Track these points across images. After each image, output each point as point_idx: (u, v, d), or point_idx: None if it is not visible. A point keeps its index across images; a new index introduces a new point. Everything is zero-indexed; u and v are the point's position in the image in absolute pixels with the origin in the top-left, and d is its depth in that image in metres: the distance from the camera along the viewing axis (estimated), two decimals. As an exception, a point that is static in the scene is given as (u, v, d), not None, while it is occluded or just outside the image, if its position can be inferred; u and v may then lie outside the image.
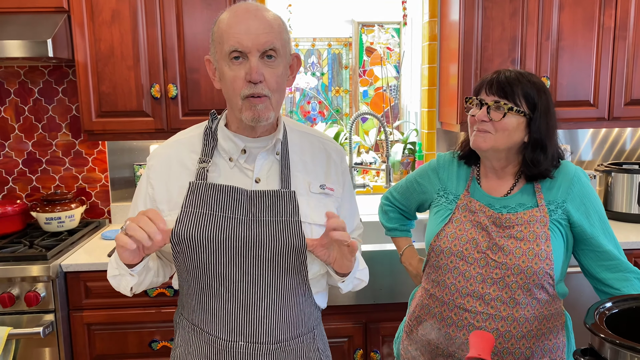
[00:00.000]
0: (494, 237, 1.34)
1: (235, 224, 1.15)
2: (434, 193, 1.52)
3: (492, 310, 1.33)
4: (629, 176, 2.53)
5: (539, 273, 1.31)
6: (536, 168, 1.36)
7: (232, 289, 1.16)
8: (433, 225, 1.45)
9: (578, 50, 2.42)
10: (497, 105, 1.33)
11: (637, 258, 2.26)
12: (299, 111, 3.10)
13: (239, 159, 1.21)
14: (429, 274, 1.45)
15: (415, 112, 2.95)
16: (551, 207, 1.36)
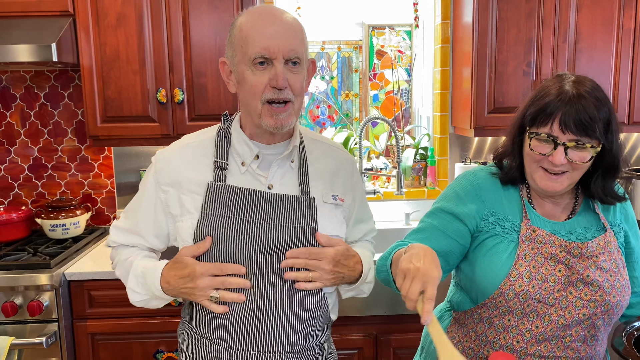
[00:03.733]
0: (580, 271, 1.15)
1: (255, 230, 1.14)
2: (480, 220, 1.22)
3: (572, 352, 1.16)
4: (650, 183, 2.44)
5: (624, 305, 1.18)
6: (609, 197, 1.20)
7: (250, 296, 1.14)
8: (497, 262, 1.18)
9: (596, 53, 2.33)
10: (578, 146, 1.11)
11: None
12: (308, 115, 3.05)
13: (251, 164, 1.19)
14: (487, 319, 1.21)
15: (427, 117, 2.88)
16: (615, 230, 1.23)
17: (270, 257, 1.14)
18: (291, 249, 1.15)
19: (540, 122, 1.14)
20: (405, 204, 2.73)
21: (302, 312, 1.17)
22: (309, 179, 1.21)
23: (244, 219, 1.14)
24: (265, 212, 1.15)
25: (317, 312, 1.20)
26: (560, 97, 1.12)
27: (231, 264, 1.13)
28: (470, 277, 1.23)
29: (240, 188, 1.16)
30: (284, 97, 1.10)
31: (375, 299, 2.12)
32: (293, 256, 1.14)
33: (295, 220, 1.16)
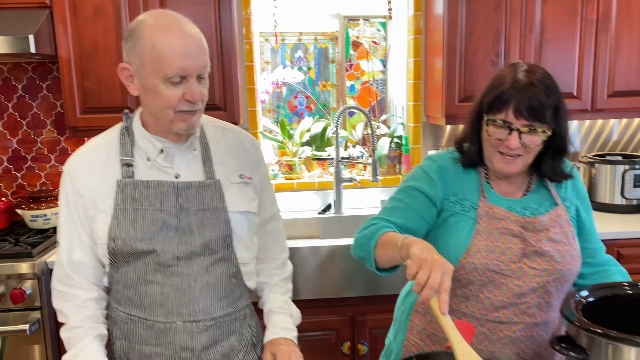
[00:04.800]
0: (533, 244, 1.25)
1: (167, 217, 1.24)
2: (442, 199, 1.31)
3: (528, 318, 1.26)
4: (612, 167, 2.56)
5: (575, 274, 1.29)
6: (558, 175, 1.31)
7: (169, 274, 1.24)
8: (457, 238, 1.28)
9: (561, 43, 2.43)
10: (531, 130, 1.20)
11: (619, 248, 2.29)
12: (286, 106, 3.10)
13: (156, 159, 1.26)
14: (452, 290, 1.19)
15: (402, 106, 2.96)
16: (567, 204, 1.33)
17: (185, 239, 1.24)
18: None
19: (496, 109, 1.22)
20: (381, 191, 2.81)
21: (220, 284, 1.28)
22: (212, 163, 1.30)
23: (155, 209, 1.23)
24: (175, 200, 1.24)
25: (233, 281, 1.31)
26: (514, 85, 1.20)
27: None
28: None
29: (148, 181, 1.24)
30: (195, 109, 1.20)
31: (351, 281, 2.20)
32: None
33: (204, 203, 1.26)
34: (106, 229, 1.23)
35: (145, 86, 1.19)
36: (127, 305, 1.28)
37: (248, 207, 1.33)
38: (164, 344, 1.25)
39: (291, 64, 3.06)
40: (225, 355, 1.30)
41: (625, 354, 0.98)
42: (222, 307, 1.28)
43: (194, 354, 1.26)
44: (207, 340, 1.27)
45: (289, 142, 2.89)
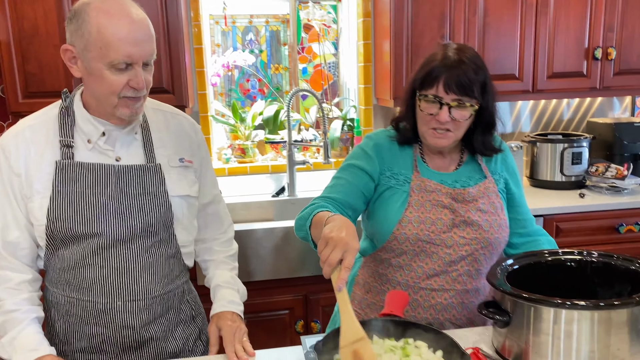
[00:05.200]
0: (462, 214, 1.32)
1: (108, 201, 1.24)
2: (379, 174, 1.38)
3: (458, 285, 1.33)
4: (553, 146, 2.68)
5: (502, 242, 1.37)
6: (488, 149, 1.38)
7: (109, 256, 1.25)
8: (391, 210, 1.34)
9: (503, 26, 2.52)
10: (460, 105, 1.27)
11: (558, 222, 2.42)
12: (238, 89, 3.10)
13: (98, 141, 1.26)
14: (387, 260, 1.37)
15: (354, 89, 3.00)
16: (496, 177, 1.41)
17: (125, 222, 1.25)
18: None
19: (427, 85, 1.29)
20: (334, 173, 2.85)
21: (160, 264, 1.30)
22: (153, 147, 1.31)
23: (96, 192, 1.23)
24: (116, 184, 1.25)
25: (172, 261, 1.34)
26: (444, 62, 1.27)
27: None
28: (372, 225, 1.40)
29: (89, 164, 1.24)
30: (140, 95, 1.21)
31: (304, 261, 2.24)
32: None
33: (144, 187, 1.27)
34: (44, 211, 1.22)
35: (89, 70, 1.18)
36: (65, 288, 1.28)
37: (188, 191, 1.35)
38: (105, 323, 1.27)
39: (242, 46, 3.05)
40: (165, 330, 1.34)
41: (544, 315, 1.06)
42: (161, 286, 1.31)
43: (135, 331, 1.29)
44: (147, 318, 1.29)
45: (242, 125, 2.90)
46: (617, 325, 1.04)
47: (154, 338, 1.32)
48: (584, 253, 1.26)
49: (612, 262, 1.23)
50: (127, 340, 1.29)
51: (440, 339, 1.04)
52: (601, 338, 1.04)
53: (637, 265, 1.19)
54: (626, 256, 1.23)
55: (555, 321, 1.05)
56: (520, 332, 1.09)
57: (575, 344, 1.05)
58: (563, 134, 2.85)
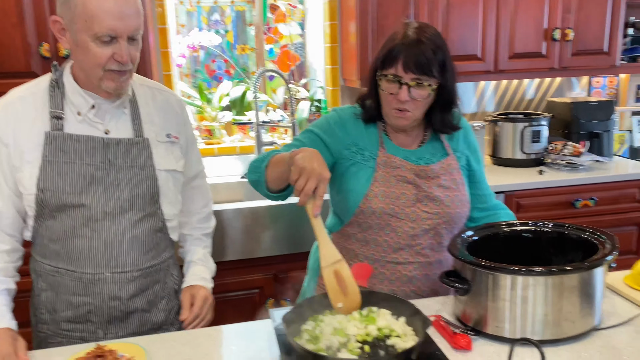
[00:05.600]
0: (425, 189, 1.35)
1: (96, 172, 1.26)
2: (344, 149, 1.39)
3: (422, 258, 1.37)
4: (513, 125, 2.76)
5: (463, 217, 1.42)
6: (447, 127, 1.41)
7: (97, 228, 1.28)
8: (358, 184, 1.36)
9: (466, 7, 2.56)
10: (418, 84, 1.29)
11: (518, 199, 2.51)
12: (204, 70, 3.07)
13: (87, 114, 1.28)
14: (353, 235, 1.40)
15: (321, 70, 3.01)
16: (458, 155, 1.45)
17: (113, 194, 1.28)
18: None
19: (387, 65, 1.31)
20: (302, 153, 2.87)
21: (147, 238, 1.34)
22: (141, 121, 1.33)
23: (85, 163, 1.25)
24: (104, 156, 1.27)
25: (158, 235, 1.38)
26: (403, 41, 1.29)
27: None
28: (338, 201, 1.43)
29: (78, 135, 1.26)
30: (125, 69, 1.21)
31: (274, 241, 2.27)
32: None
33: (132, 160, 1.30)
34: (34, 180, 1.23)
35: (75, 41, 1.19)
36: (53, 258, 1.30)
37: (175, 166, 1.38)
38: (92, 294, 1.30)
39: (207, 27, 3.02)
40: (150, 302, 1.38)
41: (502, 282, 1.12)
42: (148, 259, 1.35)
43: (122, 302, 1.32)
44: (134, 289, 1.33)
45: (208, 107, 2.88)
46: (568, 290, 1.10)
47: (140, 310, 1.35)
48: (538, 224, 1.33)
49: (565, 232, 1.30)
50: (114, 311, 1.32)
51: (403, 307, 1.09)
52: (554, 302, 1.10)
53: (588, 234, 1.26)
54: (578, 226, 1.29)
55: (512, 287, 1.11)
56: (480, 299, 1.15)
57: (531, 309, 1.11)
58: (524, 113, 2.94)
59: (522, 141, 2.75)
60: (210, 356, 1.13)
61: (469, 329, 1.18)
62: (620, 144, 3.30)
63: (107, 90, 1.24)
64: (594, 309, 1.15)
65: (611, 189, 2.60)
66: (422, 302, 1.34)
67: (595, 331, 1.17)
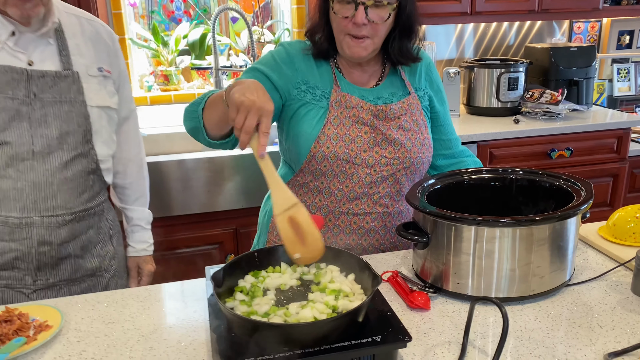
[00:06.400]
0: (383, 131, 1.22)
1: (19, 105, 1.16)
2: (293, 88, 1.23)
3: (380, 208, 1.25)
4: (490, 71, 2.62)
5: (425, 162, 1.28)
6: (405, 57, 1.26)
7: (23, 168, 1.18)
8: (307, 127, 1.22)
9: (442, -60, 2.36)
10: (377, 3, 1.13)
11: (492, 149, 2.39)
12: (161, 11, 2.83)
13: (7, 42, 1.16)
14: (305, 184, 1.27)
15: (287, 11, 2.80)
16: (420, 94, 1.31)
17: (40, 132, 1.18)
18: None
19: None
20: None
21: (79, 180, 1.25)
22: (69, 53, 1.22)
23: (6, 97, 1.15)
24: (28, 89, 1.16)
25: (92, 177, 1.29)
26: None
27: None
28: (287, 147, 1.28)
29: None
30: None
31: (234, 194, 2.13)
32: None
33: (60, 94, 1.19)
34: None
35: None
36: None
37: (108, 102, 1.29)
38: (20, 240, 1.20)
39: (162, -38, 2.76)
40: (83, 247, 1.30)
41: (465, 234, 1.00)
42: (81, 203, 1.26)
43: (53, 248, 1.23)
44: (66, 234, 1.24)
45: (164, 50, 2.66)
46: (538, 242, 0.99)
47: (72, 255, 1.28)
48: (508, 171, 1.20)
49: (536, 179, 1.18)
50: (44, 257, 1.23)
51: (353, 262, 0.96)
52: (522, 256, 0.99)
53: (561, 182, 1.14)
54: (551, 173, 1.17)
55: (476, 240, 0.99)
56: (440, 253, 1.03)
57: (497, 263, 1.00)
58: (501, 59, 2.79)
59: (498, 88, 2.61)
60: (135, 319, 1.00)
61: (428, 285, 1.06)
62: (599, 93, 3.19)
63: (14, 17, 1.13)
64: (566, 263, 1.04)
65: (588, 139, 2.50)
66: (379, 257, 1.22)
67: (565, 287, 1.07)
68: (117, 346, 0.91)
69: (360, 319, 0.84)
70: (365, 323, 0.84)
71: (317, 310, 0.85)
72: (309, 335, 0.77)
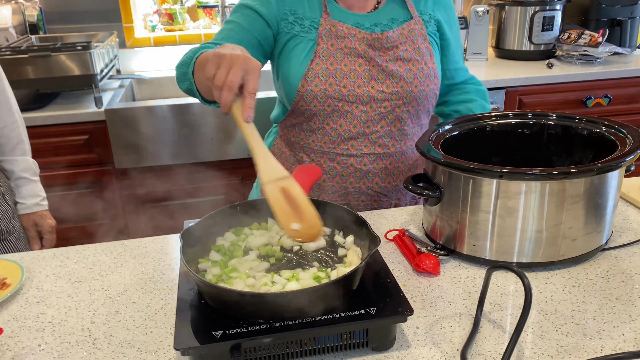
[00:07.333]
0: (379, 63, 1.09)
1: None
2: (280, 20, 1.11)
3: (379, 149, 1.13)
4: (523, 9, 2.37)
5: (430, 96, 1.14)
6: None
7: None
8: (294, 64, 1.10)
9: None
10: None
11: (522, 95, 2.19)
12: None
13: None
14: (297, 125, 1.16)
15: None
16: (425, 18, 1.15)
17: None
18: None
19: None
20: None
21: None
22: None
23: None
24: None
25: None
26: None
27: None
28: (279, 87, 1.15)
29: None
30: None
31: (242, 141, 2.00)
32: None
33: None
34: None
35: None
36: None
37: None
38: None
39: None
40: None
41: (484, 188, 0.84)
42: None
43: None
44: None
45: (168, -14, 2.48)
46: (571, 199, 0.83)
47: None
48: (539, 114, 1.03)
49: (572, 126, 1.00)
50: None
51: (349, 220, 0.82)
52: (552, 215, 0.84)
53: (603, 128, 0.97)
54: (591, 118, 1.00)
55: (497, 195, 0.84)
56: (454, 211, 0.89)
57: (520, 223, 0.85)
58: (536, -4, 2.52)
59: (530, 29, 2.37)
60: (105, 278, 0.89)
61: (439, 247, 0.92)
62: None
63: None
64: (603, 223, 0.89)
65: (629, 86, 2.26)
66: (385, 213, 1.08)
67: (601, 252, 0.91)
68: (80, 309, 0.81)
69: (353, 287, 0.71)
70: (359, 292, 0.71)
71: (306, 276, 0.73)
72: (288, 306, 0.65)
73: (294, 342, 0.66)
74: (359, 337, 0.68)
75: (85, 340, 0.74)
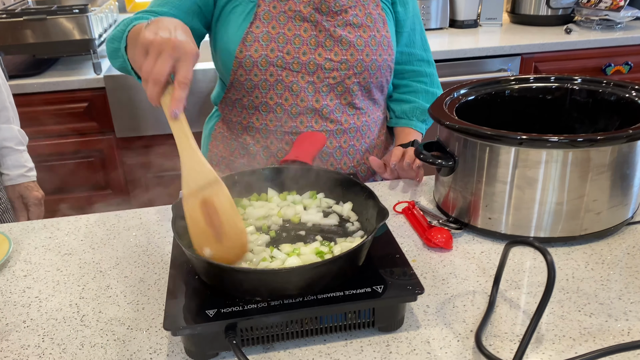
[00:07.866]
0: (326, 27, 0.99)
1: None
2: None
3: (332, 125, 1.04)
4: (541, -29, 2.25)
5: (383, 67, 1.04)
6: None
7: None
8: (232, 27, 1.00)
9: None
10: None
11: (537, 62, 2.09)
12: None
13: None
14: (237, 102, 1.05)
15: None
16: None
17: None
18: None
19: None
20: None
21: None
22: None
23: None
24: None
25: None
26: None
27: None
28: (217, 59, 1.05)
29: None
30: None
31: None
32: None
33: None
34: None
35: None
36: None
37: None
38: None
39: None
40: None
41: (502, 156, 0.78)
42: None
43: None
44: None
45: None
46: (596, 169, 0.77)
47: None
48: (563, 78, 0.95)
49: (599, 90, 0.93)
50: None
51: (356, 190, 0.76)
52: (574, 186, 0.77)
53: (632, 93, 0.89)
54: (619, 82, 0.92)
55: (516, 165, 0.77)
56: (469, 181, 0.82)
57: (540, 195, 0.78)
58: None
59: (548, -8, 2.25)
60: (96, 251, 0.84)
61: (451, 220, 0.86)
62: (667, 1, 2.76)
63: None
64: (630, 196, 0.82)
65: (651, 53, 2.16)
66: (394, 184, 1.02)
67: (626, 226, 0.85)
68: (68, 283, 0.76)
69: (359, 263, 0.65)
70: (365, 269, 0.66)
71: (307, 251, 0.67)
72: (288, 284, 0.59)
73: (294, 321, 0.61)
74: (365, 316, 0.62)
75: (72, 317, 0.69)
